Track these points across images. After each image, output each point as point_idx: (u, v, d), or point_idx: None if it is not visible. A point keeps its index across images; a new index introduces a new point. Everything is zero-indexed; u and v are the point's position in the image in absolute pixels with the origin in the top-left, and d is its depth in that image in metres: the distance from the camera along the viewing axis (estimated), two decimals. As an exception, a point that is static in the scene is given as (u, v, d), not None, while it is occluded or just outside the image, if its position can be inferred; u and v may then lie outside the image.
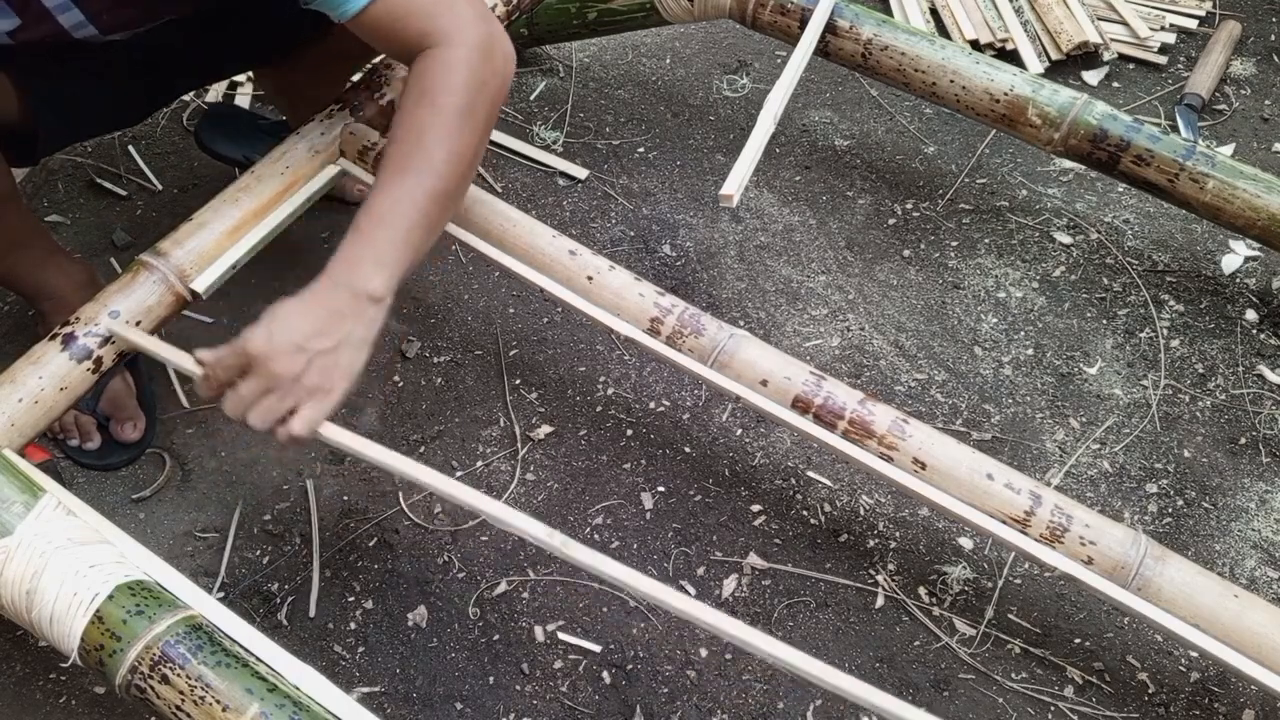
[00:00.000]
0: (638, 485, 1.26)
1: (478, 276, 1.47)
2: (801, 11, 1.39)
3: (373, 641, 1.14)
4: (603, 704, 1.10)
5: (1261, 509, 1.24)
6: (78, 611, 0.82)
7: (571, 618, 1.16)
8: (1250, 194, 1.24)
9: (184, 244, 1.08)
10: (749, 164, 1.20)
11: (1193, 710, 1.10)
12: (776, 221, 1.53)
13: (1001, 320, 1.42)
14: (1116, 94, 1.72)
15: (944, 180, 1.59)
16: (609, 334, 1.39)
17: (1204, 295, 1.44)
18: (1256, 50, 1.79)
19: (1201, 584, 0.93)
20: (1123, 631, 1.15)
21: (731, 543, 1.21)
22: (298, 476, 1.27)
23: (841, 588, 1.18)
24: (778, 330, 1.40)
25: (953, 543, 1.21)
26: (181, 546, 1.22)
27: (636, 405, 1.33)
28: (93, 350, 1.01)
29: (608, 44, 1.80)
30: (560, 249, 1.12)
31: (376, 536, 1.22)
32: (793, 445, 1.29)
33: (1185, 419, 1.32)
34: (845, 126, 1.67)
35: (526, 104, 1.71)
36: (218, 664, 0.79)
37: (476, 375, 1.36)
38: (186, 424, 1.32)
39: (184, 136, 1.64)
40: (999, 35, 1.75)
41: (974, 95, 1.34)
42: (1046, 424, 1.31)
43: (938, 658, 1.13)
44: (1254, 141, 1.65)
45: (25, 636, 1.14)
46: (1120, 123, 1.28)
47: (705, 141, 1.65)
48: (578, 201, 1.56)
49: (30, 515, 0.86)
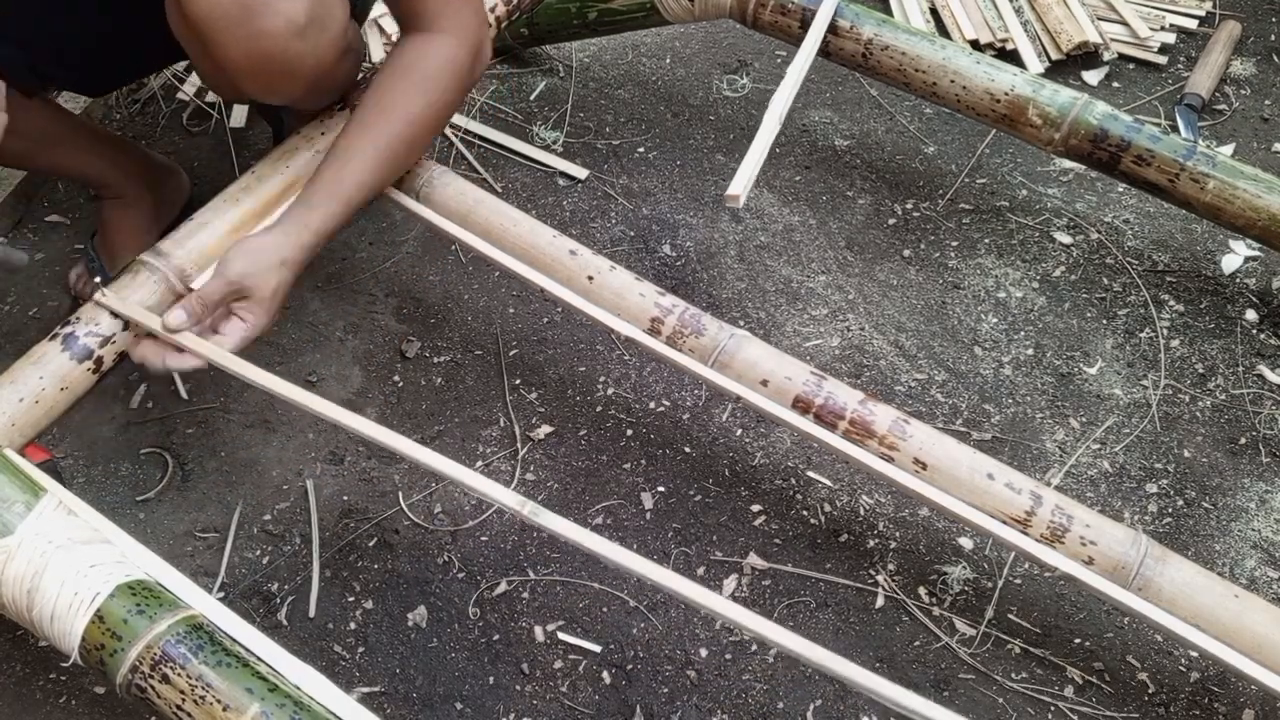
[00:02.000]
0: (638, 485, 1.26)
1: (478, 276, 1.47)
2: (802, 11, 1.39)
3: (373, 641, 1.14)
4: (603, 704, 1.10)
5: (1261, 509, 1.24)
6: (78, 611, 0.82)
7: (571, 618, 1.16)
8: (1251, 194, 1.24)
9: (184, 244, 1.08)
10: (755, 164, 1.20)
11: (1193, 710, 1.10)
12: (776, 221, 1.53)
13: (1001, 320, 1.42)
14: (1116, 94, 1.72)
15: (944, 180, 1.59)
16: (609, 334, 1.39)
17: (1204, 295, 1.44)
18: (1256, 50, 1.79)
19: (1202, 584, 0.94)
20: (1123, 631, 1.15)
21: (731, 543, 1.21)
22: (298, 476, 1.27)
23: (841, 588, 1.18)
24: (778, 330, 1.40)
25: (953, 543, 1.21)
26: (181, 546, 1.22)
27: (636, 405, 1.33)
28: (93, 350, 1.01)
29: (608, 44, 1.80)
30: (561, 249, 1.12)
31: (376, 536, 1.22)
32: (793, 445, 1.30)
33: (1185, 419, 1.32)
34: (845, 126, 1.67)
35: (526, 104, 1.71)
36: (218, 664, 0.79)
37: (476, 375, 1.36)
38: (186, 424, 1.32)
39: (184, 137, 1.64)
40: (999, 35, 1.75)
41: (974, 95, 1.34)
42: (1046, 424, 1.31)
43: (938, 658, 1.13)
44: (1254, 141, 1.65)
45: (25, 636, 1.14)
46: (1121, 123, 1.28)
47: (705, 141, 1.65)
48: (578, 201, 1.56)
49: (31, 515, 0.86)
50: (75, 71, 1.21)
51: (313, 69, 1.03)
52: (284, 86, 1.04)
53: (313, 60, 1.02)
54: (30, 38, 1.09)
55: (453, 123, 1.59)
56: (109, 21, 1.13)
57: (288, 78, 1.02)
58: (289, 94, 1.08)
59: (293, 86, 1.05)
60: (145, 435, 1.31)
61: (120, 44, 1.17)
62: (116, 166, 1.35)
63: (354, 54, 1.12)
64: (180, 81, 1.70)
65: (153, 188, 1.40)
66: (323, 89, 1.13)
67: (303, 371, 1.36)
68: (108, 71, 1.28)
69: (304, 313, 1.42)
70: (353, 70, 1.15)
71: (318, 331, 1.40)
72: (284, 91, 1.06)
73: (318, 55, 1.02)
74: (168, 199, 1.43)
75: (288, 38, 0.98)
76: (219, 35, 0.96)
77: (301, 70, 1.02)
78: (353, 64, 1.13)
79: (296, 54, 1.00)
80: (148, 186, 1.39)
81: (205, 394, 1.34)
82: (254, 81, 1.02)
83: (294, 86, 1.05)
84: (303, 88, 1.06)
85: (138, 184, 1.38)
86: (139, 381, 1.35)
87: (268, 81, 1.02)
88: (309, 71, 1.03)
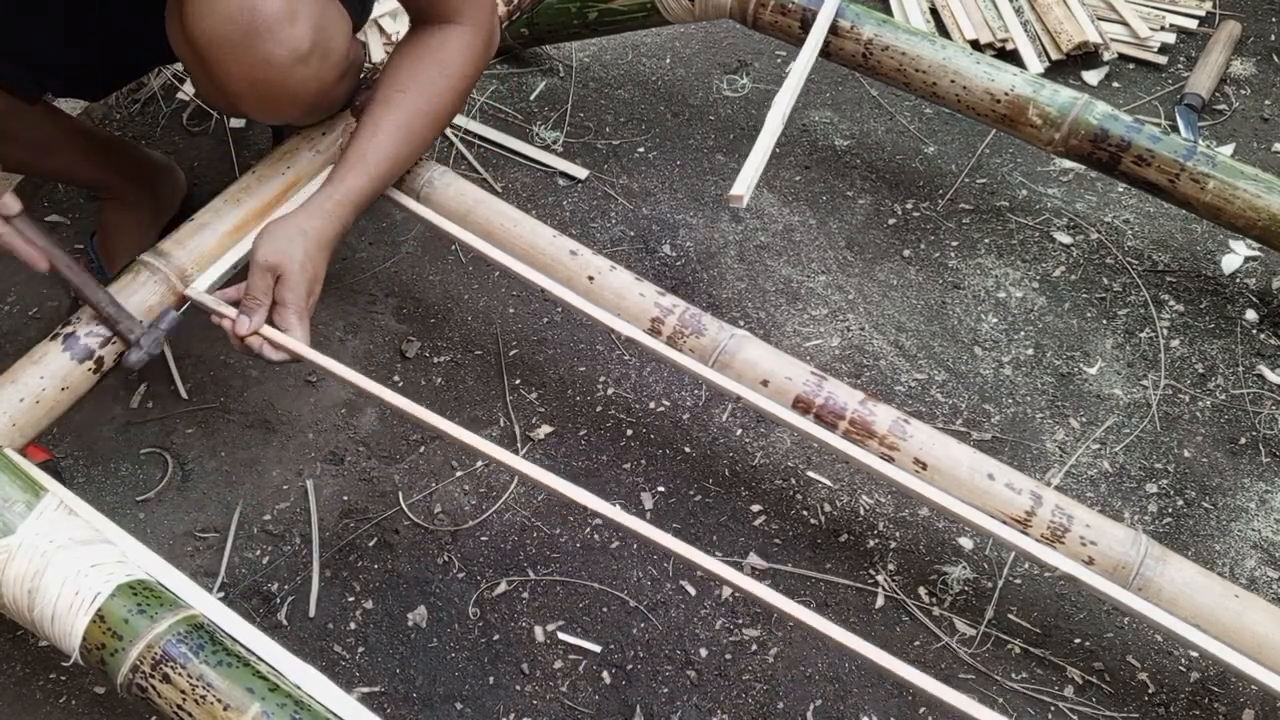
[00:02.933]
0: (638, 485, 1.26)
1: (478, 276, 1.47)
2: (802, 12, 1.39)
3: (373, 641, 1.14)
4: (603, 704, 1.10)
5: (1261, 509, 1.24)
6: (79, 610, 0.82)
7: (571, 618, 1.16)
8: (1251, 194, 1.24)
9: (185, 244, 1.08)
10: (758, 164, 1.20)
11: (1193, 710, 1.10)
12: (776, 221, 1.53)
13: (1001, 320, 1.42)
14: (1116, 94, 1.72)
15: (944, 180, 1.59)
16: (609, 334, 1.39)
17: (1204, 295, 1.44)
18: (1256, 50, 1.79)
19: (1202, 584, 0.94)
20: (1123, 631, 1.15)
21: (731, 543, 1.21)
22: (298, 476, 1.27)
23: (841, 588, 1.18)
24: (778, 330, 1.40)
25: (953, 543, 1.22)
26: (181, 546, 1.22)
27: (636, 405, 1.33)
28: (94, 350, 1.01)
29: (608, 44, 1.80)
30: (561, 249, 1.12)
31: (376, 536, 1.22)
32: (793, 445, 1.30)
33: (1185, 419, 1.32)
34: (845, 126, 1.67)
35: (526, 104, 1.71)
36: (219, 663, 0.79)
37: (476, 375, 1.36)
38: (186, 424, 1.32)
39: (184, 137, 1.64)
40: (999, 35, 1.75)
41: (975, 95, 1.34)
42: (1046, 424, 1.31)
43: (938, 658, 1.13)
44: (1254, 141, 1.65)
45: (25, 636, 1.14)
46: (1121, 123, 1.28)
47: (705, 141, 1.65)
48: (578, 201, 1.56)
49: (32, 515, 0.87)
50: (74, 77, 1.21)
51: (315, 93, 1.04)
52: (285, 110, 1.05)
53: (315, 85, 1.03)
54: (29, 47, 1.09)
55: (453, 123, 1.59)
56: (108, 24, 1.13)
57: (289, 102, 1.03)
58: (289, 116, 1.09)
59: (293, 110, 1.06)
60: (145, 435, 1.31)
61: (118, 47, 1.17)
62: (114, 168, 1.36)
63: (355, 70, 1.13)
64: (180, 81, 1.70)
65: (150, 187, 1.41)
66: (322, 108, 1.13)
67: (303, 371, 1.36)
68: (106, 76, 1.28)
69: (304, 313, 1.42)
70: (353, 85, 1.16)
71: (318, 332, 1.40)
72: (284, 114, 1.07)
73: (320, 80, 1.03)
74: (165, 198, 1.43)
75: (291, 65, 0.98)
76: (221, 59, 0.96)
77: (304, 95, 1.03)
78: (353, 80, 1.14)
79: (299, 80, 1.00)
80: (145, 186, 1.40)
81: (205, 394, 1.34)
82: (254, 104, 1.02)
83: (294, 110, 1.06)
84: (302, 110, 1.07)
85: (136, 184, 1.38)
86: (139, 381, 1.35)
87: (268, 105, 1.02)
88: (311, 96, 1.04)
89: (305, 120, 1.16)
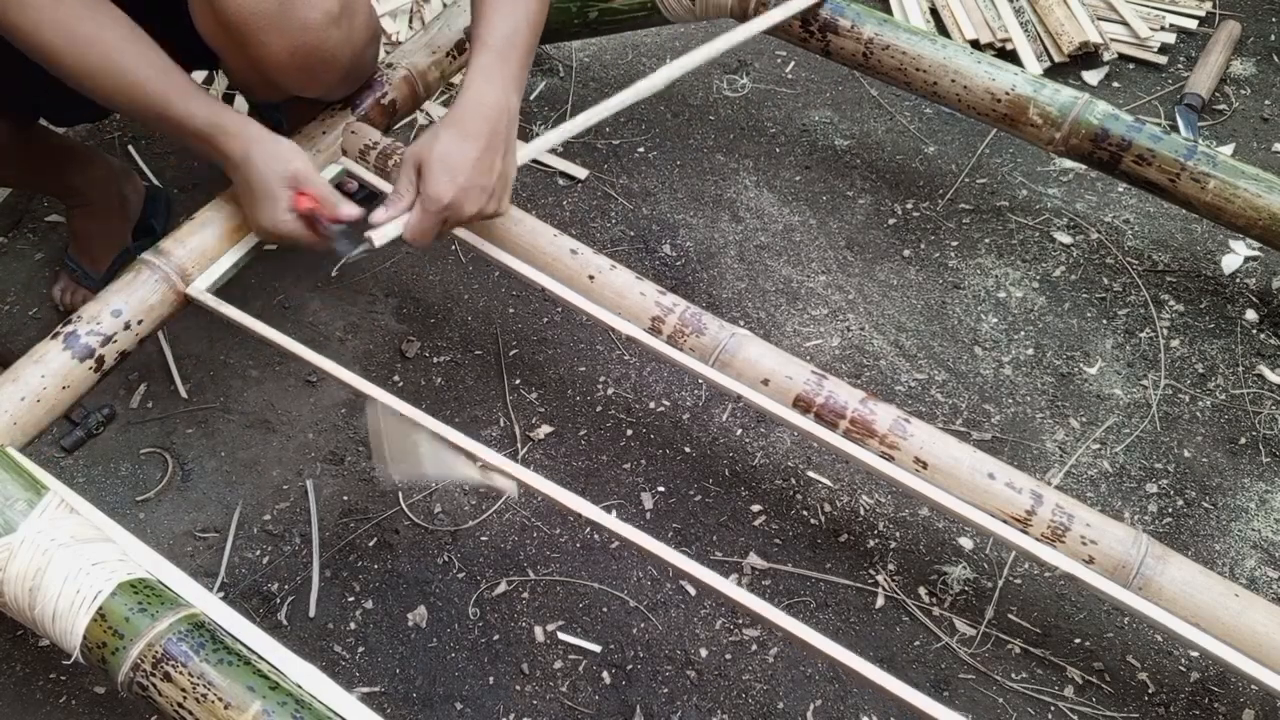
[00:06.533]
0: (638, 485, 1.26)
1: (478, 276, 1.47)
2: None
3: (373, 641, 1.14)
4: (603, 704, 1.10)
5: (1261, 509, 1.24)
6: (80, 609, 0.82)
7: (571, 618, 1.16)
8: (1251, 194, 1.24)
9: (186, 243, 1.08)
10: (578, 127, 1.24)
11: (1193, 710, 1.10)
12: (776, 221, 1.53)
13: (1001, 320, 1.42)
14: (1116, 94, 1.72)
15: (944, 180, 1.59)
16: (609, 334, 1.39)
17: (1204, 295, 1.44)
18: (1256, 50, 1.79)
19: (1202, 583, 0.94)
20: (1123, 631, 1.15)
21: (731, 543, 1.21)
22: (298, 476, 1.27)
23: (841, 588, 1.18)
24: (778, 330, 1.40)
25: (953, 543, 1.22)
26: (181, 546, 1.22)
27: (636, 405, 1.33)
28: (95, 349, 1.01)
29: (608, 44, 1.80)
30: (561, 248, 1.12)
31: (376, 536, 1.22)
32: (793, 445, 1.30)
33: (1185, 419, 1.32)
34: (845, 126, 1.67)
35: (526, 104, 1.71)
36: (220, 662, 0.79)
37: (476, 375, 1.36)
38: (186, 424, 1.32)
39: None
40: (999, 35, 1.75)
41: (975, 95, 1.34)
42: (1046, 424, 1.31)
43: (938, 658, 1.13)
44: (1254, 141, 1.65)
45: (26, 636, 1.14)
46: (1122, 122, 1.28)
47: (705, 141, 1.65)
48: (578, 201, 1.56)
49: (34, 513, 0.86)
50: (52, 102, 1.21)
51: (350, 56, 1.07)
52: (324, 76, 1.08)
53: (349, 47, 1.06)
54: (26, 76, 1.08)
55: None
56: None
57: (328, 67, 1.05)
58: (327, 83, 1.11)
59: (331, 75, 1.08)
60: (145, 435, 1.31)
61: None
62: (80, 175, 1.36)
63: (377, 39, 1.16)
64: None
65: (116, 189, 1.41)
66: (354, 76, 1.16)
67: (303, 371, 1.36)
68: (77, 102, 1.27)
69: (304, 313, 1.42)
70: (376, 56, 1.19)
71: (318, 331, 1.40)
72: (324, 81, 1.09)
73: (353, 41, 1.07)
74: (132, 202, 1.45)
75: (326, 27, 1.01)
76: (259, 34, 0.98)
77: (340, 58, 1.06)
78: (376, 49, 1.17)
79: (335, 43, 1.03)
80: (111, 189, 1.41)
81: (205, 394, 1.34)
82: (295, 75, 1.04)
83: (333, 75, 1.08)
84: (339, 75, 1.10)
85: (102, 189, 1.39)
86: (139, 381, 1.35)
87: (309, 73, 1.05)
88: (347, 59, 1.07)
89: (340, 90, 1.18)
